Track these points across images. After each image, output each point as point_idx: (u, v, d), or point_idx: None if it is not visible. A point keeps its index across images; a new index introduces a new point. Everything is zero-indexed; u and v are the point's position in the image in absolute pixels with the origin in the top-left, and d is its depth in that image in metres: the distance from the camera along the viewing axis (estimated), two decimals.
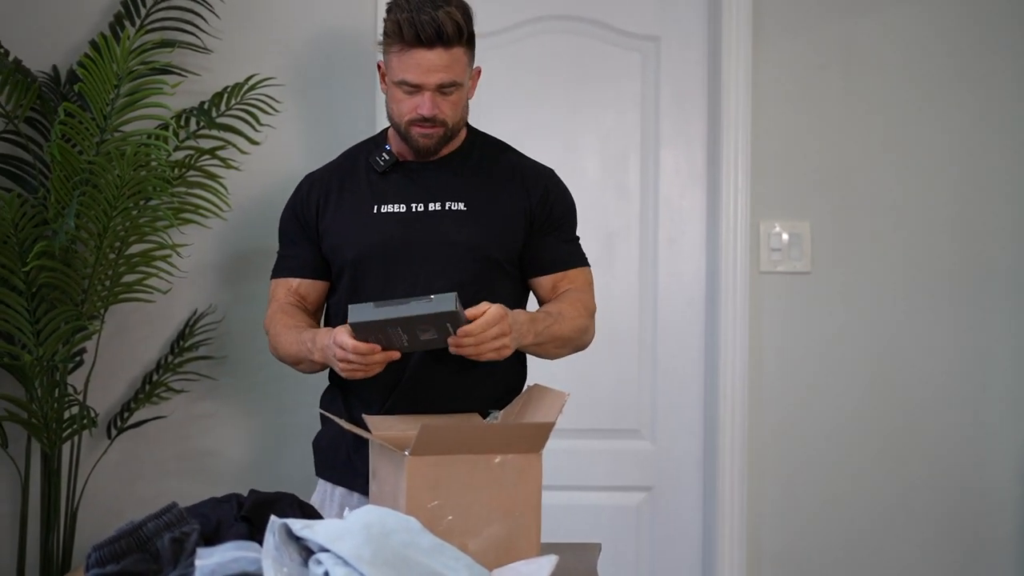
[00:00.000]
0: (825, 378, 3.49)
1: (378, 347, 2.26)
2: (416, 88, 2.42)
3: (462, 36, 2.41)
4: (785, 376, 3.49)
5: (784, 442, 3.49)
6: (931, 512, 3.50)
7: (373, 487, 2.17)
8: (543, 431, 2.05)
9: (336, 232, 2.55)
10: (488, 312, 2.26)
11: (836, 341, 3.49)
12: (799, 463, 3.49)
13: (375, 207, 2.53)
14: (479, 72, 2.56)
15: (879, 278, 3.49)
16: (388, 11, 2.44)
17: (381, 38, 2.48)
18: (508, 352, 2.32)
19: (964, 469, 3.50)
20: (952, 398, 3.50)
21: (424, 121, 2.45)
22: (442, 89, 2.43)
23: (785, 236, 3.47)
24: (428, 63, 2.40)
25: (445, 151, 2.56)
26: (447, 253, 2.48)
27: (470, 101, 2.56)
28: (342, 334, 2.27)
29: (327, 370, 2.59)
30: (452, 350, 2.27)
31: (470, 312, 2.26)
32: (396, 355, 2.29)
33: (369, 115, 3.37)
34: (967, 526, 3.50)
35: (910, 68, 3.48)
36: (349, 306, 2.25)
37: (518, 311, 2.40)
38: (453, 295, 2.21)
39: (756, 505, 3.48)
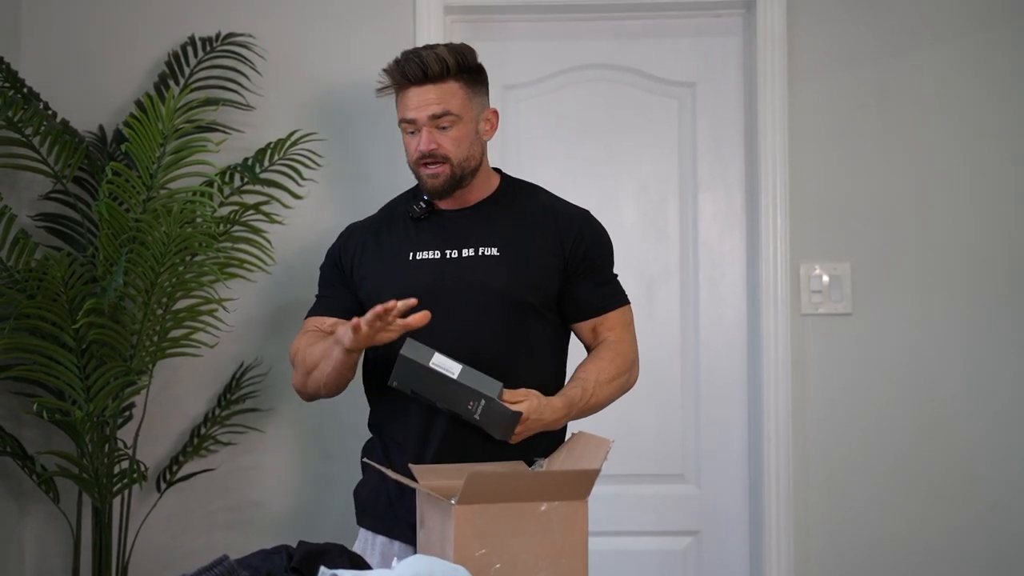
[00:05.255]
0: (870, 419, 3.47)
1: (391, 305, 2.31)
2: (413, 124, 2.51)
3: (449, 71, 2.50)
4: (830, 417, 3.47)
5: (830, 484, 3.46)
6: (984, 558, 3.44)
7: (421, 536, 2.18)
8: (588, 478, 2.06)
9: (372, 279, 2.59)
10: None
11: (880, 382, 3.47)
12: (846, 505, 3.46)
13: (410, 254, 2.57)
14: (495, 114, 2.61)
15: (922, 318, 3.46)
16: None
17: (379, 86, 2.60)
18: (518, 439, 2.42)
19: (1020, 515, 3.45)
20: (1003, 441, 3.45)
21: (425, 158, 2.51)
22: (436, 122, 2.50)
23: (825, 278, 3.46)
24: (419, 99, 2.50)
25: (476, 197, 2.61)
26: (481, 299, 2.51)
27: (490, 142, 2.63)
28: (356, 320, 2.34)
29: (368, 419, 2.64)
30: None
31: (508, 396, 2.36)
32: (414, 302, 2.33)
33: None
34: (1021, 573, 3.44)
35: (946, 106, 3.48)
36: (408, 338, 2.32)
37: (555, 399, 2.46)
38: (500, 386, 2.32)
39: (803, 547, 3.45)
